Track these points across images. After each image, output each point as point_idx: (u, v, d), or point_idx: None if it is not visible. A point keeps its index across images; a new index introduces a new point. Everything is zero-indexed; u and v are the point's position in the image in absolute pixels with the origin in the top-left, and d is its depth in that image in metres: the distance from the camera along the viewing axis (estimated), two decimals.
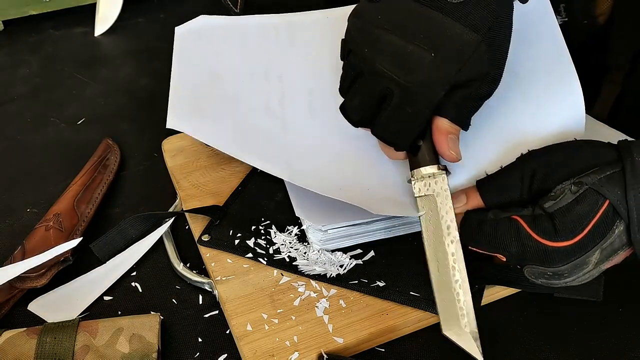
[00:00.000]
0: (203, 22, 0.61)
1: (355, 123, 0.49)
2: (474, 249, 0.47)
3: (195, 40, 0.61)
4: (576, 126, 0.55)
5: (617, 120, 0.67)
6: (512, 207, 0.46)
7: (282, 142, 0.55)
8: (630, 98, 0.79)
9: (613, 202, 0.42)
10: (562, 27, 0.68)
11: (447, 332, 0.46)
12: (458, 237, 0.46)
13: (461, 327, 0.45)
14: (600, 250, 0.42)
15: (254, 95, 0.57)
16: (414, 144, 0.48)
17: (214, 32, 0.61)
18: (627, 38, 0.77)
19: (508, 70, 0.48)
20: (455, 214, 0.47)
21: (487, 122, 0.54)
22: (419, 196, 0.49)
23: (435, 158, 0.48)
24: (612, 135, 0.64)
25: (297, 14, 0.62)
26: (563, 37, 0.57)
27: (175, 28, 0.60)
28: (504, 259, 0.46)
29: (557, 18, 0.66)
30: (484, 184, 0.49)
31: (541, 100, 0.55)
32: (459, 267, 0.46)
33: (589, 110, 0.69)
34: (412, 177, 0.49)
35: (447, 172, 0.49)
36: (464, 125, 0.48)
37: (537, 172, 0.46)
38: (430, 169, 0.48)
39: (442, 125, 0.46)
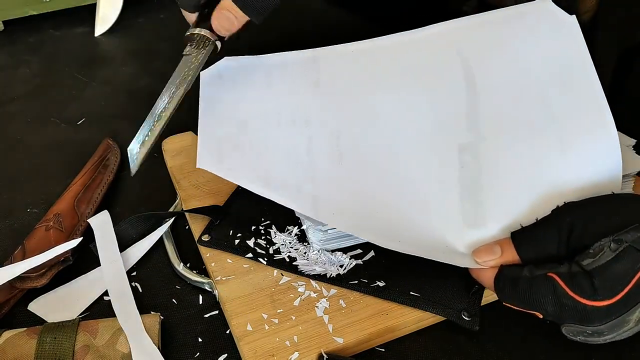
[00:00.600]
0: (226, 64, 0.62)
1: None
2: (509, 305, 0.46)
3: (220, 85, 0.61)
4: (613, 176, 0.53)
5: None
6: (547, 263, 0.45)
7: (314, 192, 0.54)
8: (616, 96, 0.80)
9: None
10: None
11: (130, 146, 0.54)
12: (182, 90, 0.55)
13: (140, 145, 0.55)
14: None
15: (281, 143, 0.57)
16: (202, 10, 0.55)
17: (238, 74, 0.62)
18: (612, 36, 0.77)
19: (544, 115, 0.49)
20: (490, 268, 0.48)
21: (520, 169, 0.53)
22: (184, 54, 0.55)
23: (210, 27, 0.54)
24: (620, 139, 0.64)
25: (320, 49, 0.61)
26: (599, 80, 0.55)
27: (200, 73, 0.61)
28: (541, 316, 0.45)
29: None
30: (519, 236, 0.48)
31: (577, 147, 0.53)
32: (168, 107, 0.55)
33: None
34: (187, 34, 0.55)
35: (215, 44, 0.55)
36: (248, 10, 0.52)
37: (575, 227, 0.45)
38: (199, 31, 0.54)
39: (224, 2, 0.53)
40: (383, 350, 0.50)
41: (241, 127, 0.57)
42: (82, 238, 0.57)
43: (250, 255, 0.55)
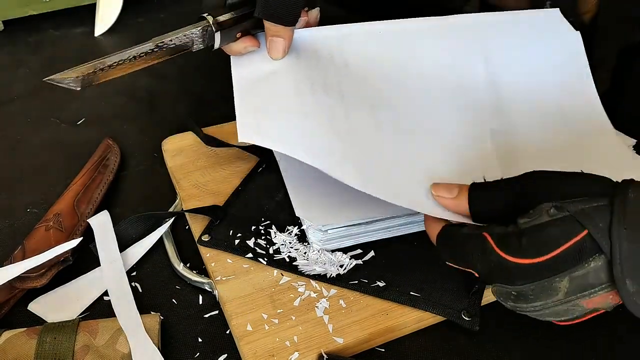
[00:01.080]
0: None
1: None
2: (450, 265, 0.47)
3: (250, 59, 0.59)
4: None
5: None
6: (492, 224, 0.45)
7: (354, 156, 0.53)
8: (616, 96, 0.80)
9: (593, 235, 0.39)
10: None
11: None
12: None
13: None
14: (569, 278, 0.40)
15: (318, 110, 0.55)
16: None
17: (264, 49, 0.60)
18: (612, 36, 0.77)
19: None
20: (439, 223, 0.48)
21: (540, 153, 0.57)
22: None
23: None
24: (616, 137, 0.64)
25: (346, 26, 0.61)
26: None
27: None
28: (477, 275, 0.45)
29: None
30: (476, 187, 0.48)
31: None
32: None
33: None
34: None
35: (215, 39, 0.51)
36: (273, 19, 0.51)
37: (528, 192, 0.45)
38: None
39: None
40: (383, 350, 0.50)
41: (276, 97, 0.55)
42: (82, 238, 0.57)
43: (250, 255, 0.55)
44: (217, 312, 0.53)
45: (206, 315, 0.53)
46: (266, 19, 0.51)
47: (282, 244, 0.56)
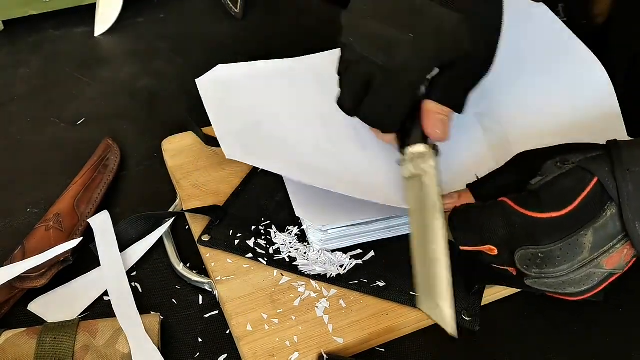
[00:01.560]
0: (221, 71, 0.65)
1: (348, 111, 0.50)
2: (465, 247, 0.46)
3: (220, 90, 0.64)
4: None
5: None
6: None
7: (340, 177, 0.57)
8: (629, 99, 0.80)
9: (601, 180, 0.40)
10: None
11: (422, 306, 0.45)
12: (443, 218, 0.45)
13: (436, 301, 0.44)
14: (593, 230, 0.40)
15: (301, 136, 0.59)
16: (402, 127, 0.49)
17: (237, 80, 0.66)
18: (625, 39, 0.77)
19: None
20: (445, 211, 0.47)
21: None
22: (408, 177, 0.49)
23: (424, 138, 0.49)
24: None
25: (313, 56, 0.68)
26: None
27: (196, 80, 0.65)
28: (495, 250, 0.44)
29: None
30: (476, 186, 0.48)
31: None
32: (440, 244, 0.45)
33: None
34: (401, 158, 0.50)
35: (437, 151, 0.49)
36: (455, 106, 0.48)
37: (525, 167, 0.46)
38: (418, 147, 0.48)
39: (428, 106, 0.47)
40: (383, 350, 0.50)
41: (256, 125, 0.59)
42: (82, 238, 0.57)
43: (250, 255, 0.55)
44: (217, 312, 0.53)
45: (206, 315, 0.53)
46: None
47: (282, 244, 0.56)
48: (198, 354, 0.50)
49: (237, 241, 0.57)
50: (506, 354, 0.49)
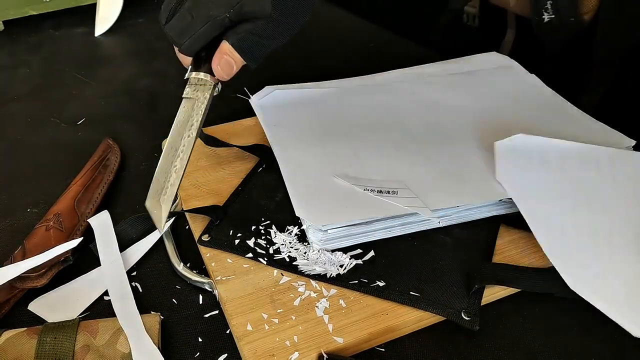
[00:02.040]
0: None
1: (162, 25, 0.54)
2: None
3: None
4: None
5: (603, 116, 0.68)
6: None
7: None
8: (617, 96, 0.80)
9: None
10: (549, 24, 0.72)
11: (146, 203, 0.51)
12: (194, 136, 0.52)
13: (159, 202, 0.50)
14: None
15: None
16: (198, 54, 0.54)
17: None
18: (612, 36, 0.77)
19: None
20: None
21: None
22: (185, 97, 0.54)
23: (211, 71, 0.54)
24: (603, 131, 0.65)
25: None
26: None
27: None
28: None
29: (543, 15, 0.72)
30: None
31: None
32: (182, 157, 0.52)
33: (576, 106, 0.70)
34: (186, 78, 0.54)
35: (218, 87, 0.55)
36: (245, 56, 0.53)
37: None
38: (204, 76, 0.54)
39: (223, 46, 0.53)
40: (383, 350, 0.50)
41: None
42: (82, 238, 0.57)
43: (250, 255, 0.55)
44: (217, 311, 0.53)
45: (206, 315, 0.53)
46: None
47: (282, 244, 0.56)
48: (198, 353, 0.50)
49: (237, 241, 0.57)
50: (506, 353, 0.49)
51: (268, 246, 0.56)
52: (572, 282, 0.50)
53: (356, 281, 0.52)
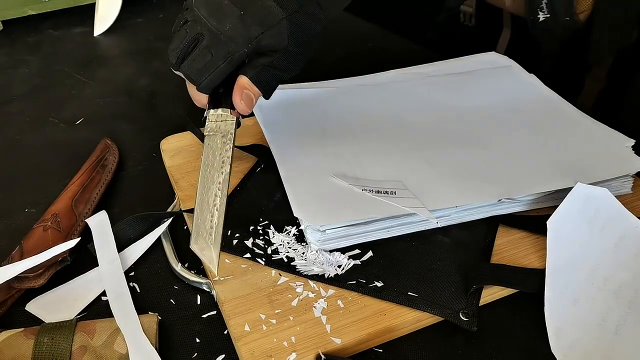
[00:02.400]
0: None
1: (173, 65, 0.54)
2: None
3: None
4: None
5: (599, 116, 0.68)
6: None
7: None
8: (614, 96, 0.80)
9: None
10: (544, 23, 0.72)
11: (193, 246, 0.49)
12: (228, 172, 0.51)
13: (207, 243, 0.49)
14: None
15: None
16: (216, 91, 0.54)
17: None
18: (607, 37, 0.77)
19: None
20: None
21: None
22: (208, 134, 0.54)
23: (231, 106, 0.54)
24: (602, 131, 0.65)
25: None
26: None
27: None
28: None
29: (539, 14, 0.72)
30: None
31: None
32: (220, 196, 0.50)
33: (572, 105, 0.70)
34: (206, 116, 0.54)
35: (239, 121, 0.55)
36: (262, 89, 0.54)
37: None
38: (222, 111, 0.54)
39: (241, 81, 0.53)
40: (381, 350, 0.50)
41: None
42: (80, 238, 0.57)
43: (248, 255, 0.55)
44: (214, 312, 0.53)
45: (204, 316, 0.53)
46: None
47: (280, 244, 0.56)
48: (196, 354, 0.50)
49: (235, 241, 0.56)
50: (504, 354, 0.49)
51: (266, 246, 0.56)
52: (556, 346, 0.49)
53: (354, 281, 0.52)
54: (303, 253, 0.55)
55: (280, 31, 0.51)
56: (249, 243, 0.56)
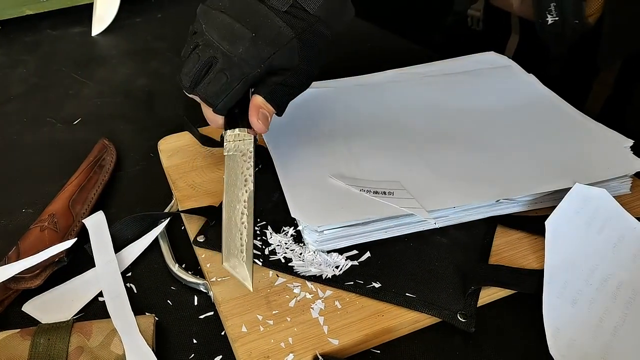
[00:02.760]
0: None
1: (187, 89, 0.54)
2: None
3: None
4: None
5: (607, 121, 0.67)
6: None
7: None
8: (621, 99, 0.80)
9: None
10: (553, 26, 0.72)
11: (225, 265, 0.49)
12: (252, 189, 0.53)
13: (239, 260, 0.49)
14: None
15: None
16: (231, 112, 0.56)
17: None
18: (617, 39, 0.77)
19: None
20: None
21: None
22: (228, 154, 0.55)
23: (248, 125, 0.56)
24: (600, 131, 0.65)
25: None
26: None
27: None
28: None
29: (547, 17, 0.72)
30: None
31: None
32: (247, 213, 0.51)
33: (580, 109, 0.70)
34: (224, 136, 0.56)
35: (256, 139, 0.56)
36: (276, 107, 0.56)
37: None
38: (239, 131, 0.56)
39: (256, 100, 0.55)
40: (378, 352, 0.50)
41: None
42: (76, 239, 0.57)
43: None
44: (212, 313, 0.53)
45: (201, 317, 0.53)
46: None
47: (278, 245, 0.56)
48: (193, 355, 0.49)
49: None
50: (502, 355, 0.49)
51: (264, 247, 0.56)
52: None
53: (352, 282, 0.52)
54: (301, 254, 0.55)
55: (291, 50, 0.53)
56: None
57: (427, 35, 1.04)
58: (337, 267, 0.54)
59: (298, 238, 0.57)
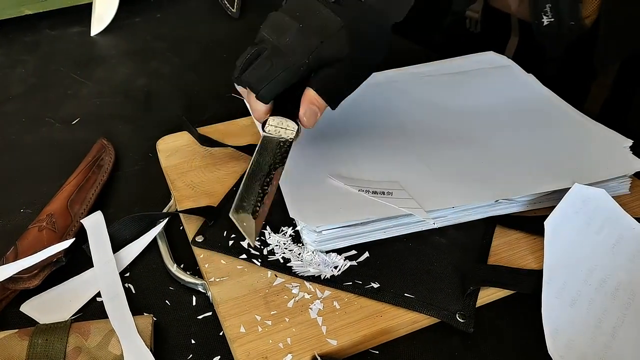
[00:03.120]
0: None
1: (235, 78, 0.55)
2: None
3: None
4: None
5: (606, 122, 0.67)
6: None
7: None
8: (619, 100, 0.79)
9: None
10: (549, 27, 0.72)
11: (233, 214, 0.48)
12: (282, 170, 0.52)
13: (250, 217, 0.48)
14: None
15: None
16: (283, 104, 0.55)
17: None
18: (614, 41, 0.77)
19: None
20: None
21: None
22: (267, 134, 0.54)
23: (295, 117, 0.54)
24: (600, 130, 0.65)
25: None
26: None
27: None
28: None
29: (543, 18, 0.72)
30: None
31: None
32: (273, 184, 0.50)
33: (579, 110, 0.70)
34: (267, 120, 0.54)
35: (299, 131, 0.55)
36: (329, 101, 0.54)
37: None
38: (285, 120, 0.54)
39: (308, 93, 0.54)
40: (377, 352, 0.49)
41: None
42: (75, 239, 0.56)
43: (244, 256, 0.55)
44: (210, 313, 0.53)
45: (199, 317, 0.52)
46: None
47: (277, 245, 0.56)
48: (191, 355, 0.49)
49: (231, 242, 0.56)
50: (501, 355, 0.49)
51: (262, 247, 0.56)
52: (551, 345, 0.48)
53: (350, 283, 0.52)
54: (299, 254, 0.55)
55: (340, 40, 0.52)
56: (244, 244, 0.56)
57: (427, 35, 1.04)
58: (335, 267, 0.53)
59: (297, 238, 0.56)
